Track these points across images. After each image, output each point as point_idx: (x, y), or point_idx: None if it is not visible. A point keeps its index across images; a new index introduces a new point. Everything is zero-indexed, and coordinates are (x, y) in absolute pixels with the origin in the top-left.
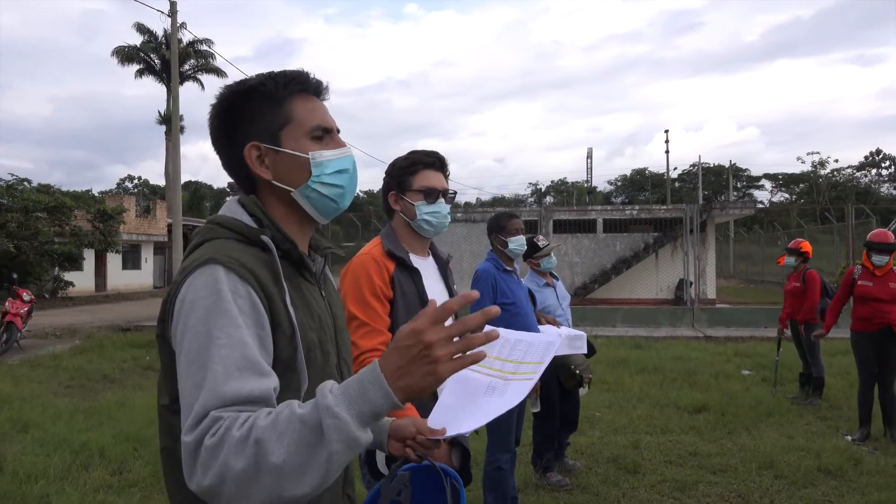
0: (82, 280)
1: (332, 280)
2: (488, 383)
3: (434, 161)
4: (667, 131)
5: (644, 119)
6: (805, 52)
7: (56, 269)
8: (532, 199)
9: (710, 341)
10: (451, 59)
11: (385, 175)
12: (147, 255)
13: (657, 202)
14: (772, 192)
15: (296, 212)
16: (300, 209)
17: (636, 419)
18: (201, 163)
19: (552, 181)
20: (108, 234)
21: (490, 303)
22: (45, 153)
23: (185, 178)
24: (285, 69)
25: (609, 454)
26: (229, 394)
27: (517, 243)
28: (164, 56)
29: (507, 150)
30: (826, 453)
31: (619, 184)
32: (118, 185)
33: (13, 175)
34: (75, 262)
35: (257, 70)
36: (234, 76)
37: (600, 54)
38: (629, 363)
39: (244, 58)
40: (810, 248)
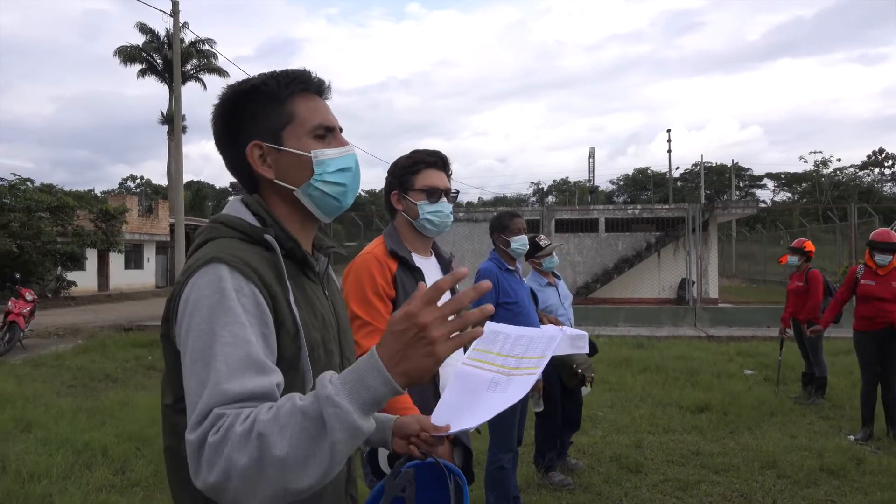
0: (85, 280)
1: (335, 279)
2: (491, 379)
3: (436, 160)
4: (669, 131)
5: (646, 118)
6: (807, 51)
7: (59, 268)
8: (534, 199)
9: (712, 341)
10: (453, 58)
11: (387, 174)
12: (149, 255)
13: (659, 201)
14: (774, 191)
15: (298, 211)
16: (303, 208)
17: (638, 418)
18: (203, 162)
19: (554, 181)
20: (110, 233)
21: (493, 302)
22: (48, 153)
23: (187, 177)
24: (287, 68)
25: (611, 453)
26: (232, 391)
27: (519, 243)
28: (167, 56)
29: (510, 150)
30: (829, 453)
31: (622, 183)
32: (120, 184)
33: (16, 175)
34: (78, 262)
35: (259, 70)
36: (236, 76)
37: (602, 54)
38: (631, 363)
39: (246, 58)
40: (813, 247)
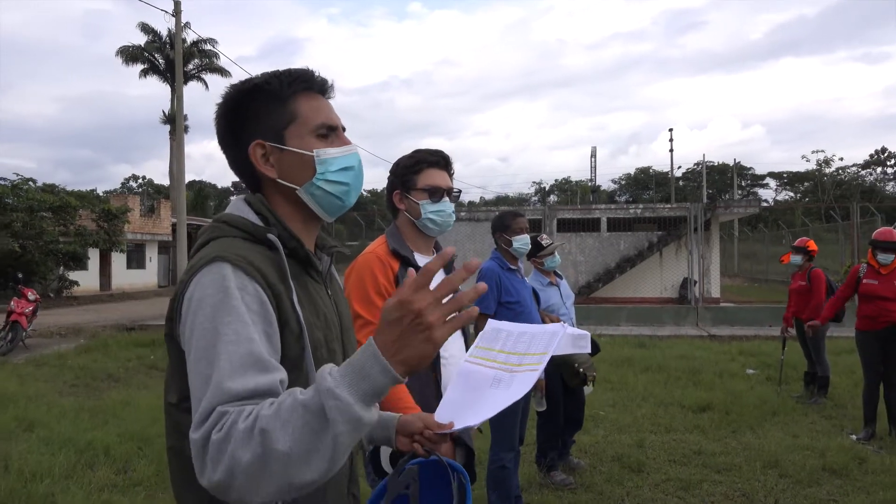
0: (87, 279)
1: (337, 279)
2: (494, 376)
3: (438, 160)
4: (671, 130)
5: (648, 118)
6: (810, 50)
7: (61, 268)
8: (536, 198)
9: (714, 340)
10: (455, 58)
11: (389, 174)
12: (151, 255)
13: (661, 201)
14: (776, 190)
15: (301, 210)
16: (305, 207)
17: (640, 418)
18: (205, 162)
19: (556, 180)
20: (112, 233)
21: (494, 301)
22: (50, 153)
23: (189, 177)
24: (290, 68)
25: (613, 453)
26: (235, 389)
27: (521, 242)
28: (169, 56)
29: (511, 149)
30: (831, 452)
31: (623, 182)
32: (122, 184)
33: (18, 175)
34: (80, 262)
35: (261, 69)
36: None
37: (604, 53)
38: (633, 362)
39: (248, 57)
40: (816, 246)
